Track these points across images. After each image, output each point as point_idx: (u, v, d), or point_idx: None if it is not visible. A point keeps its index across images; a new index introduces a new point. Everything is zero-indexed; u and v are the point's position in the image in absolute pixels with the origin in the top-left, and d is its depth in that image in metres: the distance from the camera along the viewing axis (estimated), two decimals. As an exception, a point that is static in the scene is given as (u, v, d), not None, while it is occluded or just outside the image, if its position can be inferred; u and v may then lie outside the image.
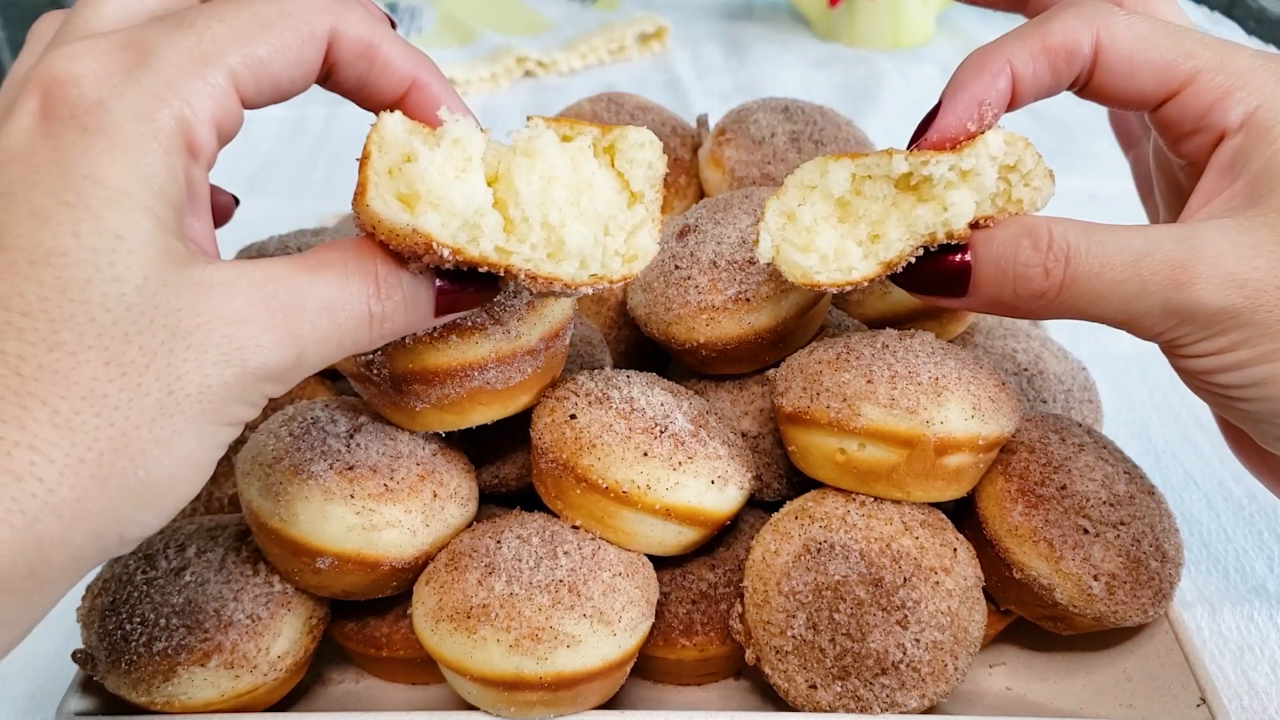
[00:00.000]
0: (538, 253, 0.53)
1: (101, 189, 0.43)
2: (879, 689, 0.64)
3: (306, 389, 0.87)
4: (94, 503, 0.42)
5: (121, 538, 0.44)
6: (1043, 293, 0.55)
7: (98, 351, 0.42)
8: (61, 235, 0.42)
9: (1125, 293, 0.54)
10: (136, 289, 0.43)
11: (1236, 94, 0.55)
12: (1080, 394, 0.88)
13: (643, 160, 0.57)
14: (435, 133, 0.52)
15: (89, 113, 0.43)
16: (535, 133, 0.54)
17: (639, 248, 0.58)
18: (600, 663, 0.64)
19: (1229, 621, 0.84)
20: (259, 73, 0.48)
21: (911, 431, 0.65)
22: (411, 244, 0.50)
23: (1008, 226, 0.57)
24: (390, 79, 0.53)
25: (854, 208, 0.61)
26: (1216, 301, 0.52)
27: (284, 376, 0.48)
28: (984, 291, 0.58)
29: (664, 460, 0.66)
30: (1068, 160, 1.59)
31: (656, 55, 2.07)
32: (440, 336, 0.65)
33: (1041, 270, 0.55)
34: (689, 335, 0.76)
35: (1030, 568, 0.69)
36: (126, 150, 0.43)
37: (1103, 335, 1.18)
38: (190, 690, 0.66)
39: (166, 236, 0.44)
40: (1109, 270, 0.54)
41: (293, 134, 1.76)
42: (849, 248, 0.60)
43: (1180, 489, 0.98)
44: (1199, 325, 0.54)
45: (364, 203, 0.50)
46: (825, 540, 0.67)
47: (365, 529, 0.65)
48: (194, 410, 0.44)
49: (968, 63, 0.58)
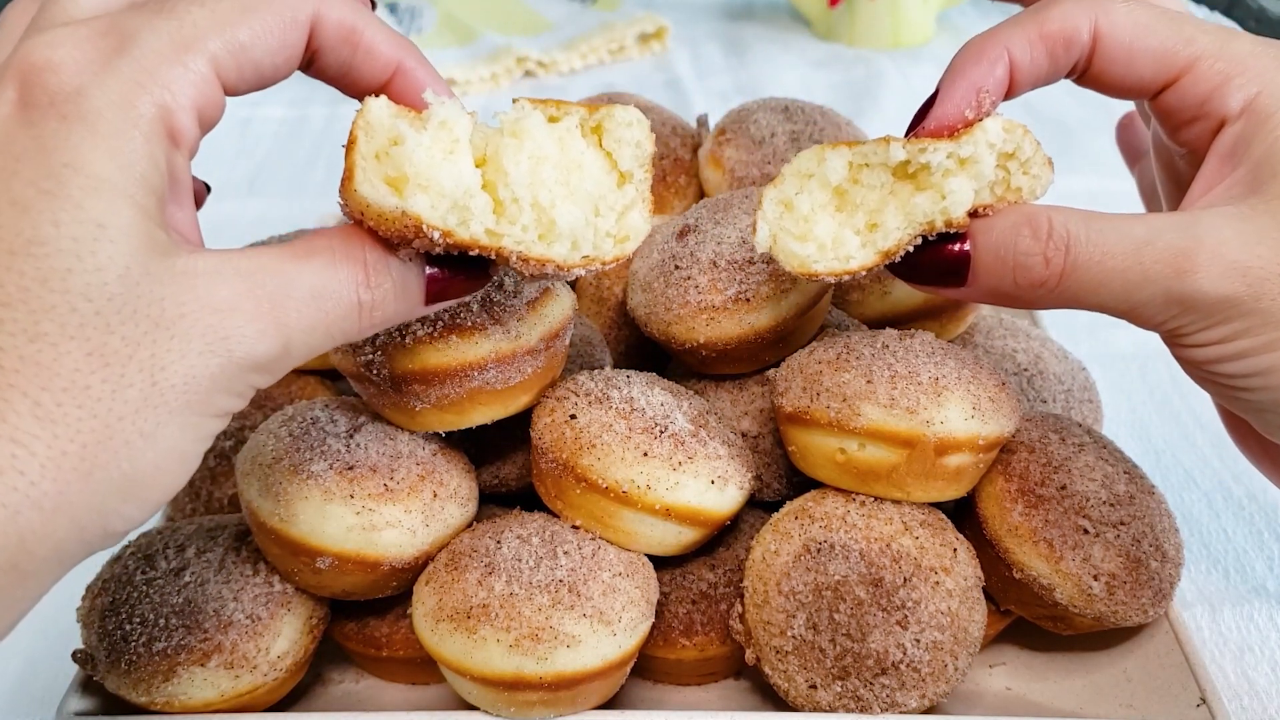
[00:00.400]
0: (529, 234, 0.53)
1: (82, 177, 0.42)
2: (879, 689, 0.64)
3: (306, 389, 0.87)
4: (77, 496, 0.42)
5: (105, 531, 0.44)
6: (1043, 281, 0.55)
7: (79, 342, 0.41)
8: (42, 225, 0.41)
9: (1126, 281, 0.53)
10: (118, 278, 0.42)
11: (1236, 80, 0.55)
12: (1080, 394, 0.88)
13: (631, 139, 0.56)
14: (421, 116, 0.51)
15: (68, 100, 0.43)
16: (522, 113, 0.53)
17: (630, 228, 0.57)
18: (600, 663, 0.64)
19: (1229, 621, 0.84)
20: (241, 58, 0.47)
21: (911, 431, 0.65)
22: (401, 228, 0.49)
23: (1007, 215, 0.56)
24: (374, 64, 0.53)
25: (851, 196, 0.60)
26: (1219, 290, 0.52)
27: (271, 367, 0.47)
28: (983, 281, 0.57)
29: (664, 460, 0.66)
30: (1068, 160, 1.59)
31: (656, 55, 2.07)
32: (440, 336, 0.65)
33: (1042, 259, 0.54)
34: (689, 335, 0.76)
35: (1030, 568, 0.69)
36: (107, 138, 0.43)
37: (1103, 335, 1.19)
38: (190, 690, 0.66)
39: (149, 225, 0.44)
40: (1110, 259, 0.53)
41: (293, 134, 1.76)
42: (847, 236, 0.59)
43: (1180, 489, 0.98)
44: (1201, 314, 0.53)
45: (352, 188, 0.49)
46: (825, 540, 0.67)
47: (365, 529, 0.65)
48: (179, 402, 0.43)
49: (965, 50, 0.58)
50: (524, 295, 0.68)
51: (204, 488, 0.82)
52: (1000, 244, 0.56)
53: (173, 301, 0.43)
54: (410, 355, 0.65)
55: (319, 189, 1.58)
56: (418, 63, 0.54)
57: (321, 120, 1.80)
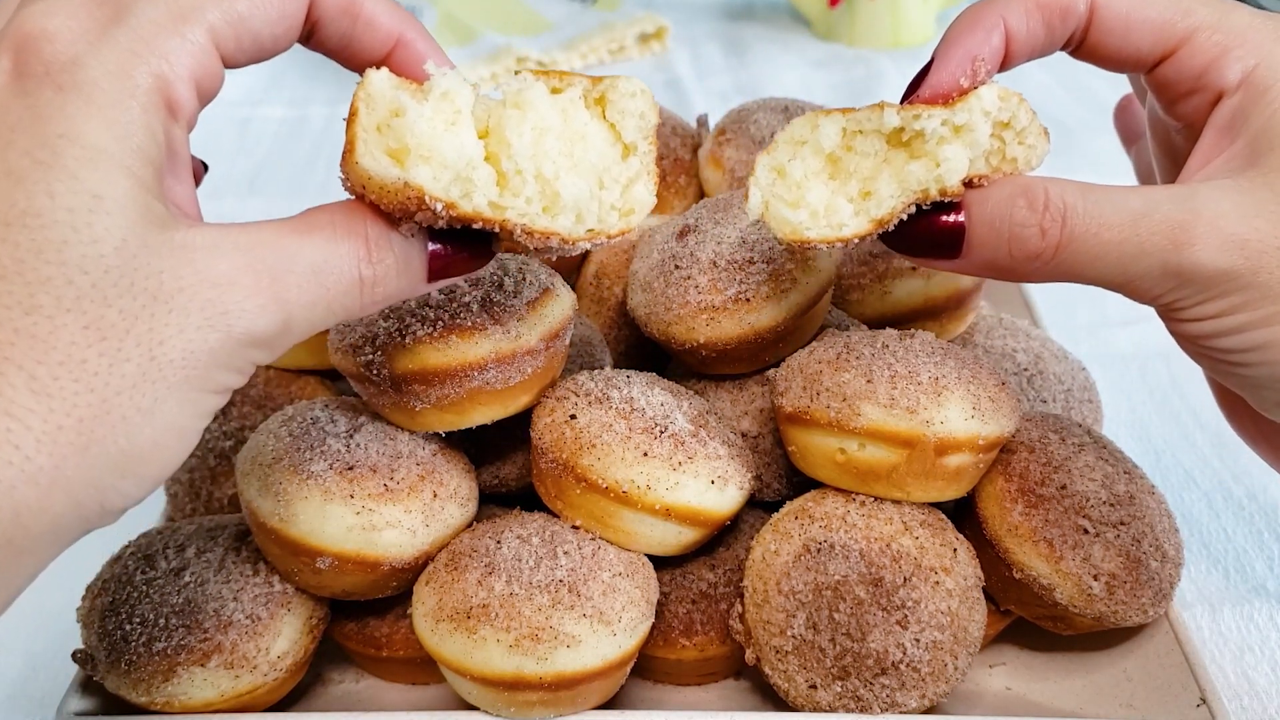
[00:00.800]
0: (533, 206, 0.52)
1: (78, 148, 0.41)
2: (879, 689, 0.64)
3: (307, 389, 0.87)
4: (73, 470, 0.41)
5: (103, 507, 0.43)
6: (1039, 253, 0.54)
7: (76, 315, 0.41)
8: (37, 195, 0.41)
9: (1123, 254, 0.52)
10: (115, 250, 0.41)
11: (1234, 52, 0.54)
12: (1080, 394, 0.88)
13: (635, 110, 0.55)
14: (423, 87, 0.50)
15: (64, 70, 0.42)
16: (524, 84, 0.52)
17: (635, 201, 0.56)
18: (600, 663, 0.64)
19: (1229, 621, 0.84)
20: (240, 29, 0.47)
21: (911, 431, 0.65)
22: (403, 200, 0.48)
23: (1003, 186, 0.55)
24: (375, 36, 0.52)
25: (845, 164, 0.59)
26: (1216, 263, 0.51)
27: (271, 343, 0.46)
28: (978, 253, 0.56)
29: (664, 460, 0.66)
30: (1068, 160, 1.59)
31: (656, 55, 2.07)
32: (440, 336, 0.65)
33: (1038, 230, 0.53)
34: (689, 335, 0.76)
35: (1030, 568, 0.69)
36: (103, 108, 0.42)
37: (1103, 335, 1.19)
38: (190, 690, 0.66)
39: (146, 197, 0.43)
40: (1106, 230, 0.52)
41: (293, 134, 1.76)
42: (839, 204, 0.58)
43: (1180, 489, 0.98)
44: (1198, 287, 0.53)
45: (353, 160, 0.49)
46: (825, 540, 0.67)
47: (365, 529, 0.65)
48: (177, 376, 0.43)
49: (961, 18, 0.58)
50: (524, 295, 0.68)
51: (204, 488, 0.82)
52: (996, 215, 0.55)
53: (171, 275, 0.43)
54: (410, 355, 0.65)
55: (319, 189, 1.58)
56: (418, 34, 0.53)
57: (321, 120, 1.80)
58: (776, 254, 0.74)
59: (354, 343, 0.67)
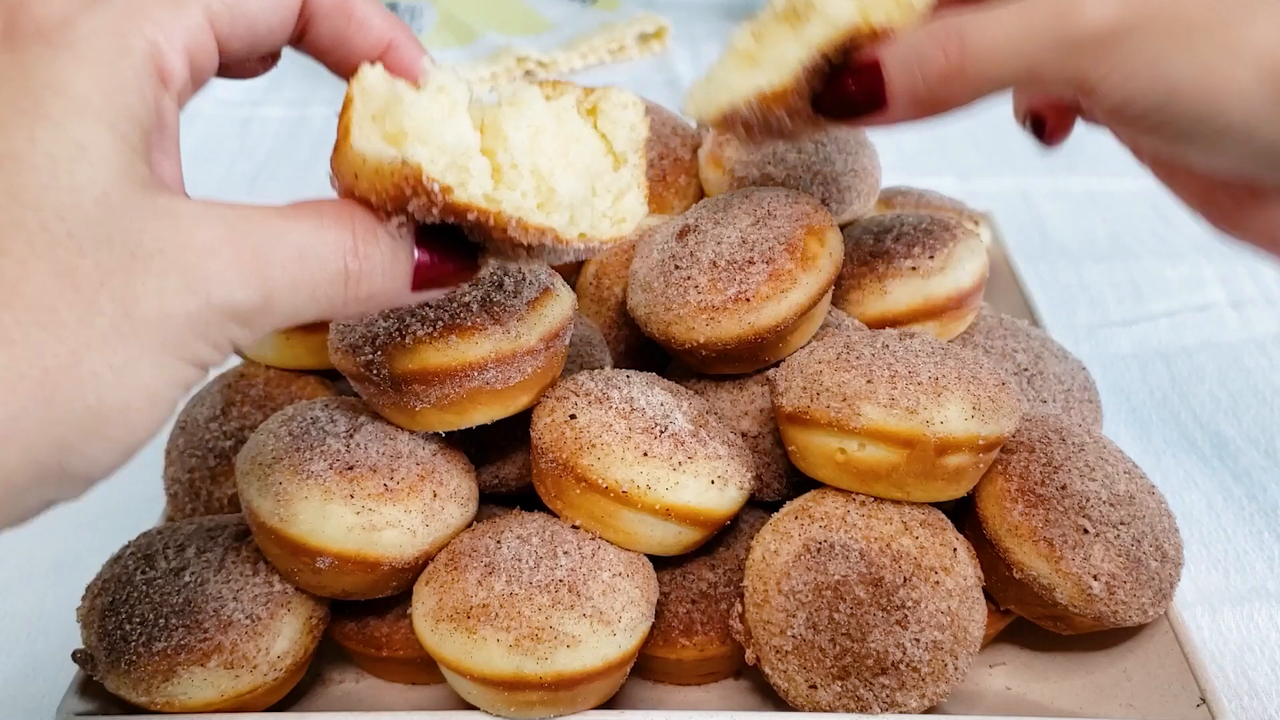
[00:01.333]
0: (528, 200, 0.51)
1: (63, 99, 0.41)
2: (879, 689, 0.64)
3: (307, 389, 0.87)
4: (33, 423, 0.38)
5: (63, 469, 0.40)
6: (948, 72, 0.56)
7: (48, 262, 0.39)
8: (17, 140, 0.40)
9: (1019, 42, 0.54)
10: (95, 202, 0.40)
11: None
12: (1080, 394, 0.88)
13: (626, 121, 0.56)
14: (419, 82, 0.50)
15: (55, 29, 0.42)
16: (519, 87, 0.53)
17: (627, 210, 0.56)
18: (600, 663, 0.64)
19: (1229, 621, 0.84)
20: (235, 11, 0.47)
21: (911, 431, 0.65)
22: (398, 182, 0.47)
23: (906, 31, 0.58)
24: (368, 37, 0.52)
25: (759, 57, 0.63)
26: (1102, 19, 0.52)
27: (251, 320, 0.44)
28: (899, 93, 0.58)
29: (664, 460, 0.66)
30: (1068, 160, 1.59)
31: (656, 55, 2.07)
32: (440, 336, 0.65)
33: (940, 51, 0.56)
34: (689, 335, 0.76)
35: (1030, 568, 0.69)
36: (92, 63, 0.42)
37: (1103, 335, 1.19)
38: (190, 690, 0.66)
39: (132, 156, 0.42)
40: (998, 27, 0.54)
41: (293, 134, 1.76)
42: (759, 83, 0.62)
43: (1180, 489, 0.98)
44: (1093, 52, 0.53)
45: (347, 145, 0.48)
46: (825, 540, 0.67)
47: (365, 529, 0.65)
48: (152, 338, 0.41)
49: None
50: (524, 295, 0.68)
51: (204, 488, 0.82)
52: (903, 53, 0.58)
53: (151, 235, 0.41)
54: (410, 355, 0.65)
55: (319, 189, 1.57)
56: (410, 40, 0.54)
57: (321, 120, 1.80)
58: (776, 254, 0.74)
59: (354, 343, 0.67)
